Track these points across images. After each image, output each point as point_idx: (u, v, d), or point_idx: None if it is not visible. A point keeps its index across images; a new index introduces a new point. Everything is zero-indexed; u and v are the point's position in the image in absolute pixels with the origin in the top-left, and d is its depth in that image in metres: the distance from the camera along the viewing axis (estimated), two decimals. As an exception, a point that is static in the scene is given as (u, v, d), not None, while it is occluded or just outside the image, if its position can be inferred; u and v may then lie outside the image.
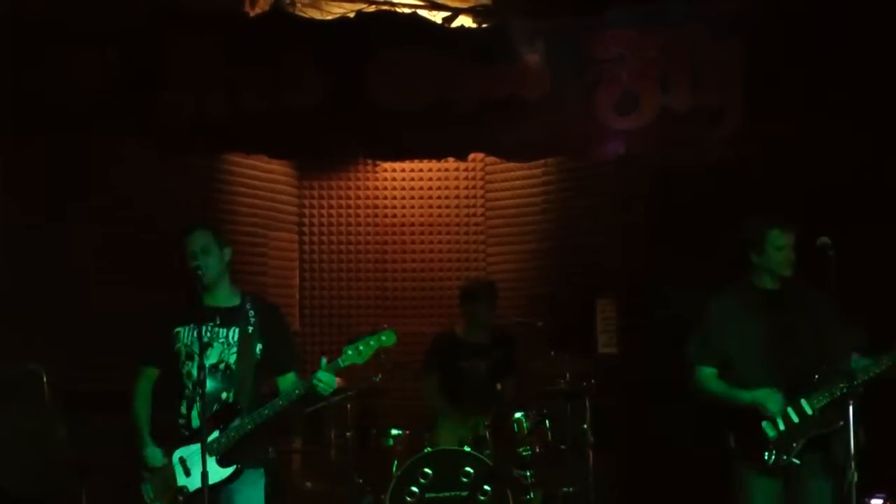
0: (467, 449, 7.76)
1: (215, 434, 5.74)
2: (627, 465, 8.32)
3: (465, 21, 9.24)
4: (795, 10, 7.51)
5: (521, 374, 8.33)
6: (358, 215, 10.34)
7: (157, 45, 8.01)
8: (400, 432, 8.11)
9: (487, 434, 7.87)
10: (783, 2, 7.55)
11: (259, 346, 5.93)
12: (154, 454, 5.82)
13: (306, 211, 10.31)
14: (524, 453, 7.85)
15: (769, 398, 6.05)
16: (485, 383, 8.19)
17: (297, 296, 10.22)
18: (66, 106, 7.47)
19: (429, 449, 7.80)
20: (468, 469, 7.70)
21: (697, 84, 7.80)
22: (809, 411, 6.05)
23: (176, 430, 5.84)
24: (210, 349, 5.82)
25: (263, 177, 9.89)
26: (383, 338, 5.88)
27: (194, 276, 5.75)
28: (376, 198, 10.34)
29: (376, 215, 10.34)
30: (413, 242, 10.33)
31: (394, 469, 7.82)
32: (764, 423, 6.08)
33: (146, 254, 7.97)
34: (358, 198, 10.35)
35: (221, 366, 5.87)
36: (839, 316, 6.06)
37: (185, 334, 5.87)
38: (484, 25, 9.16)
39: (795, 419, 6.05)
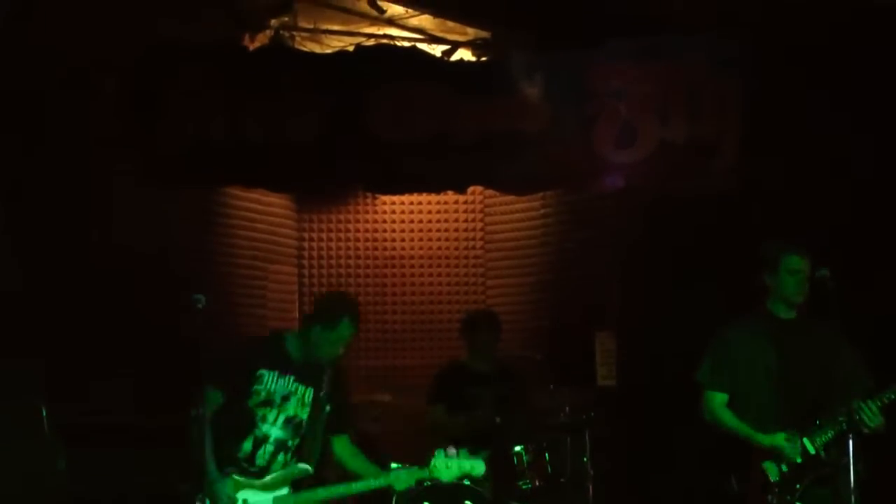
0: (467, 483, 7.72)
1: (285, 490, 5.85)
2: (627, 497, 8.29)
3: (464, 54, 9.27)
4: (793, 43, 7.54)
5: (523, 409, 8.28)
6: (357, 248, 10.34)
7: (156, 79, 8.05)
8: (398, 466, 8.06)
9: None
10: (781, 35, 7.58)
11: (328, 408, 6.01)
12: (225, 488, 5.75)
13: (305, 244, 10.32)
14: (524, 486, 7.80)
15: (789, 446, 5.95)
16: (488, 413, 8.15)
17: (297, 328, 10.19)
18: (67, 137, 7.47)
19: (428, 483, 7.76)
20: (467, 503, 7.66)
21: (696, 117, 7.83)
22: (812, 451, 5.97)
23: (232, 462, 5.84)
24: (288, 403, 5.92)
25: (263, 209, 9.90)
26: (475, 467, 6.05)
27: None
28: (375, 231, 10.35)
29: (375, 248, 10.34)
30: (412, 275, 10.33)
31: (393, 502, 7.77)
32: (766, 465, 6.00)
33: (146, 286, 7.96)
34: (357, 231, 10.35)
35: (296, 420, 5.96)
36: (851, 353, 6.03)
37: (269, 379, 5.91)
38: (483, 59, 9.19)
39: (798, 460, 5.97)
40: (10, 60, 7.18)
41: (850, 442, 5.57)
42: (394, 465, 5.97)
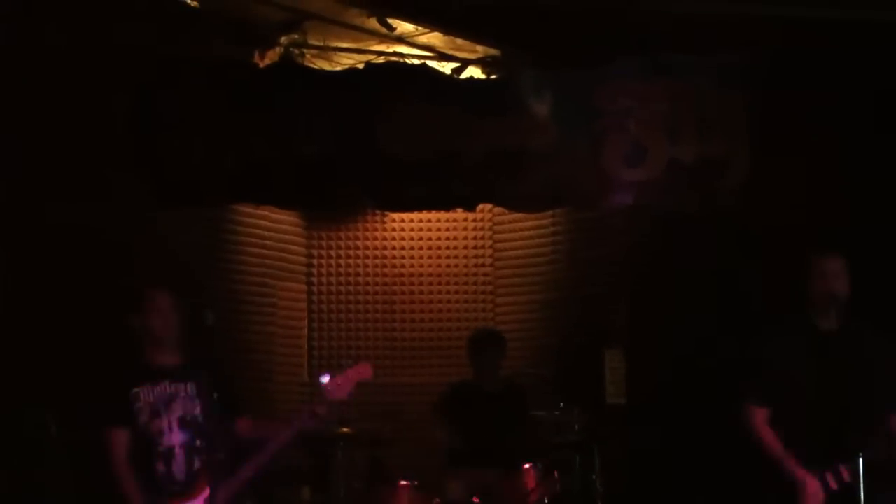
0: (476, 501, 7.71)
1: (207, 490, 5.77)
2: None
3: (473, 72, 9.29)
4: (800, 60, 7.55)
5: (531, 426, 8.27)
6: (366, 266, 10.34)
7: (166, 96, 8.07)
8: (408, 483, 8.07)
9: (496, 485, 7.82)
10: (787, 53, 7.59)
11: (216, 395, 5.94)
12: None
13: (314, 261, 10.32)
14: (533, 505, 7.81)
15: (813, 495, 5.83)
16: (497, 432, 8.15)
17: (306, 346, 10.21)
18: (75, 154, 7.48)
19: (438, 500, 7.76)
20: (477, 520, 7.65)
21: (704, 135, 7.84)
22: (845, 479, 5.79)
23: (155, 487, 5.85)
24: (174, 404, 5.91)
25: (271, 227, 9.91)
26: (362, 372, 6.01)
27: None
28: (384, 248, 10.35)
29: (384, 266, 10.34)
30: (421, 293, 10.33)
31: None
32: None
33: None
34: (366, 248, 10.35)
35: (188, 418, 5.93)
36: (891, 368, 5.93)
37: (145, 394, 5.92)
38: (492, 77, 9.21)
39: (835, 487, 5.83)
40: (16, 77, 7.19)
41: (861, 460, 5.52)
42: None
